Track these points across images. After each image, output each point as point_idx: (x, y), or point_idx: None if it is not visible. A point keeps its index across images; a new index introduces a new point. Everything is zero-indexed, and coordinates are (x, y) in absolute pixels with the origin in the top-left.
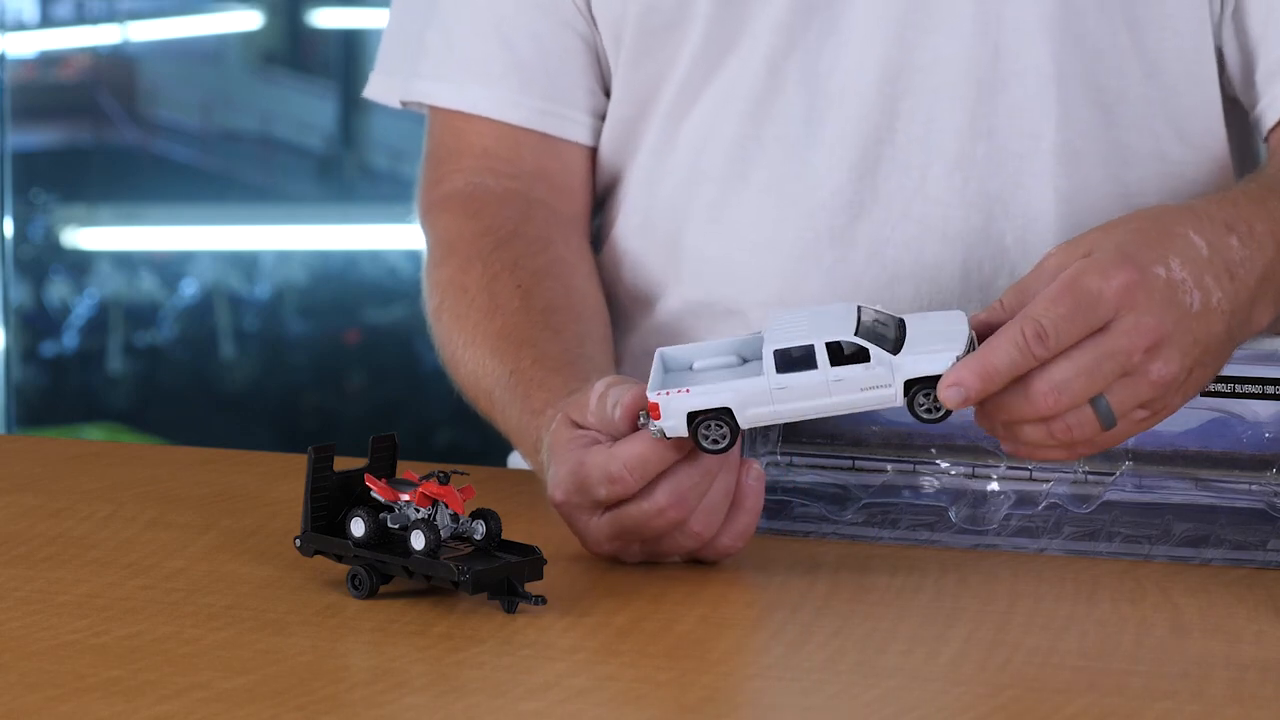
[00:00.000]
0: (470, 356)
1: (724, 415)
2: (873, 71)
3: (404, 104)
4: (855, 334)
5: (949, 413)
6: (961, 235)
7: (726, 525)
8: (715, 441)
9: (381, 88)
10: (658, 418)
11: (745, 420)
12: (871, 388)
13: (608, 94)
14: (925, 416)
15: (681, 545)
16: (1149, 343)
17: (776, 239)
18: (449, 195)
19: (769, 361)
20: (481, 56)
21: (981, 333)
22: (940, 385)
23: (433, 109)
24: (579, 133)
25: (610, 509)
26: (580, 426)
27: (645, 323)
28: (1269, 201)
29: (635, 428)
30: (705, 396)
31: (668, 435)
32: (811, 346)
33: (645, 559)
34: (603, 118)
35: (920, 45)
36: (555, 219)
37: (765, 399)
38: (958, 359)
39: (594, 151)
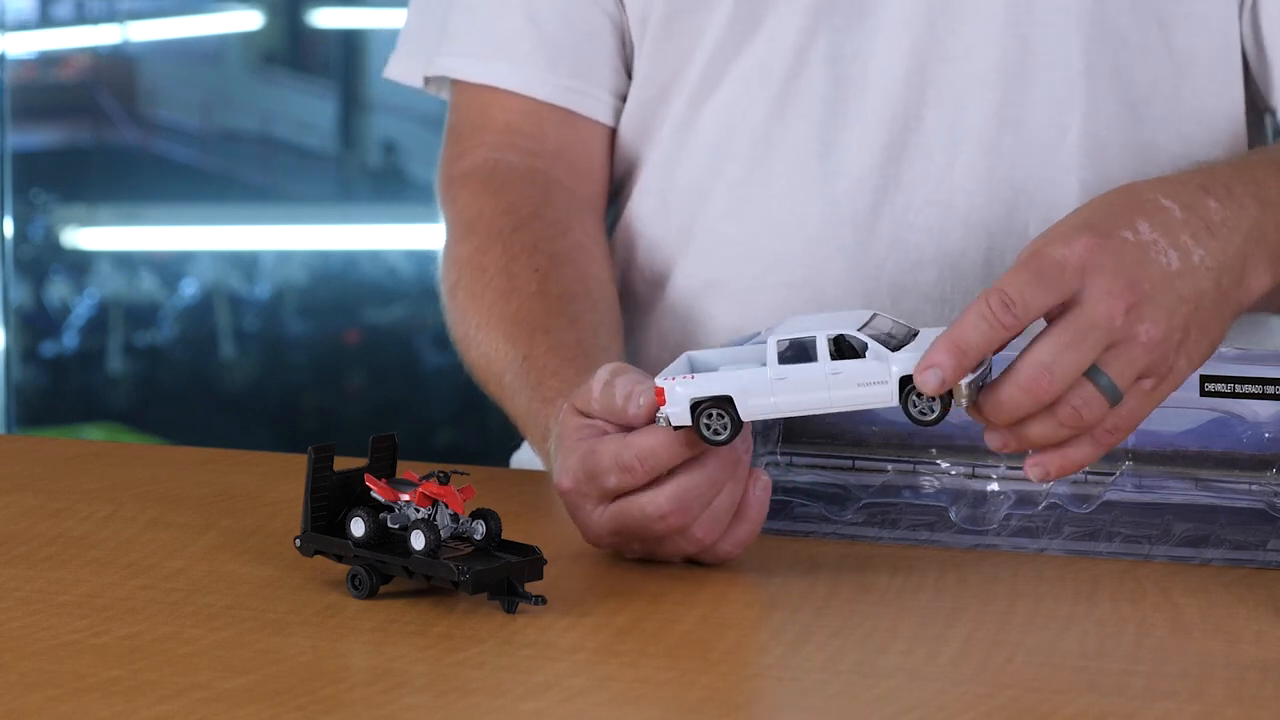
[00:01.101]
0: (483, 338)
1: (725, 405)
2: (901, 59)
3: (427, 81)
4: (859, 331)
5: (943, 415)
6: (985, 224)
7: (728, 533)
8: (716, 432)
9: (403, 68)
10: (663, 403)
11: (746, 411)
12: (869, 384)
13: (630, 76)
14: (920, 418)
15: (682, 548)
16: (1126, 304)
17: (800, 221)
18: (470, 171)
19: (772, 352)
20: (508, 33)
21: None
22: (915, 372)
23: (457, 86)
24: (602, 112)
25: (614, 502)
26: (586, 415)
27: (659, 304)
28: (1254, 169)
29: (654, 422)
30: (707, 383)
31: (673, 423)
32: (813, 338)
33: (645, 556)
34: (624, 99)
35: (950, 35)
36: (574, 201)
37: (766, 389)
38: None
39: (613, 134)
